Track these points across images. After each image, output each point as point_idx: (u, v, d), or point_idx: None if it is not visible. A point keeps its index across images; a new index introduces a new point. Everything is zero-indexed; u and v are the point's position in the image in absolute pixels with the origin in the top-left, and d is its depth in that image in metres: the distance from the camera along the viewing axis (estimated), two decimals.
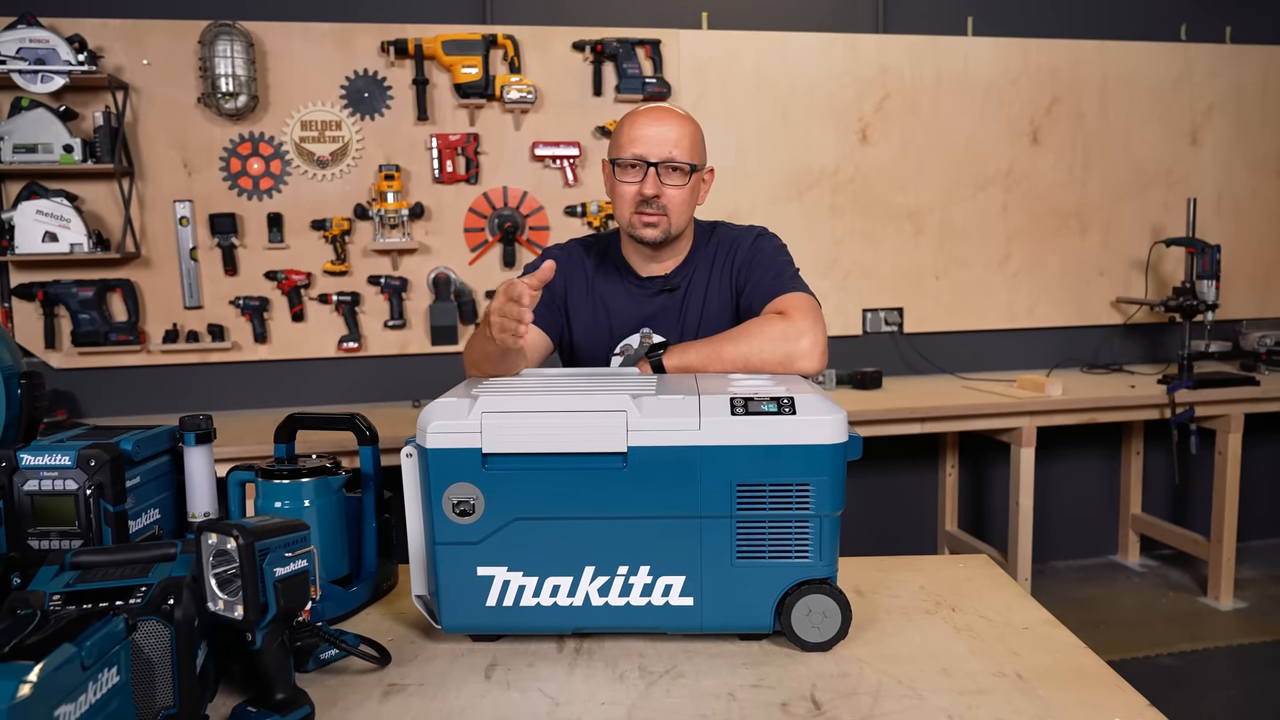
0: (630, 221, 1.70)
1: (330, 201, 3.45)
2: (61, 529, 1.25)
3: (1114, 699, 1.10)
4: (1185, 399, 3.45)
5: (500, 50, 3.46)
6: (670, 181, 1.67)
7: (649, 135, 1.66)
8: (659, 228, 1.69)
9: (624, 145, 1.68)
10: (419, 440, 1.21)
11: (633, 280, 1.79)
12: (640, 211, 1.68)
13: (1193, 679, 3.10)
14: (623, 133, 1.69)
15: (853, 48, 3.76)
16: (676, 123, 1.68)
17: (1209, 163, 4.13)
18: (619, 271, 1.80)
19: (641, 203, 1.67)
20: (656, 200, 1.66)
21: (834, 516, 1.21)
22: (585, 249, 1.85)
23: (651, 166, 1.65)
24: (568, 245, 1.87)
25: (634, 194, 1.68)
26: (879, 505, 4.02)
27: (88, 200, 3.27)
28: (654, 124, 1.67)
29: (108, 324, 3.29)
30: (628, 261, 1.80)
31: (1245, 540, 4.05)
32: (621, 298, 1.79)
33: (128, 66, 3.25)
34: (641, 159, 1.66)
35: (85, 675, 0.82)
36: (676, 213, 1.69)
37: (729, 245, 1.78)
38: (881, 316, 3.91)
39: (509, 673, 1.19)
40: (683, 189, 1.68)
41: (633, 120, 1.69)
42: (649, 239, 1.70)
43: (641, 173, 1.66)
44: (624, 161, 1.67)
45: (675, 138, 1.66)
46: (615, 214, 1.74)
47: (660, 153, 1.65)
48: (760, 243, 1.77)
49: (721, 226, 1.83)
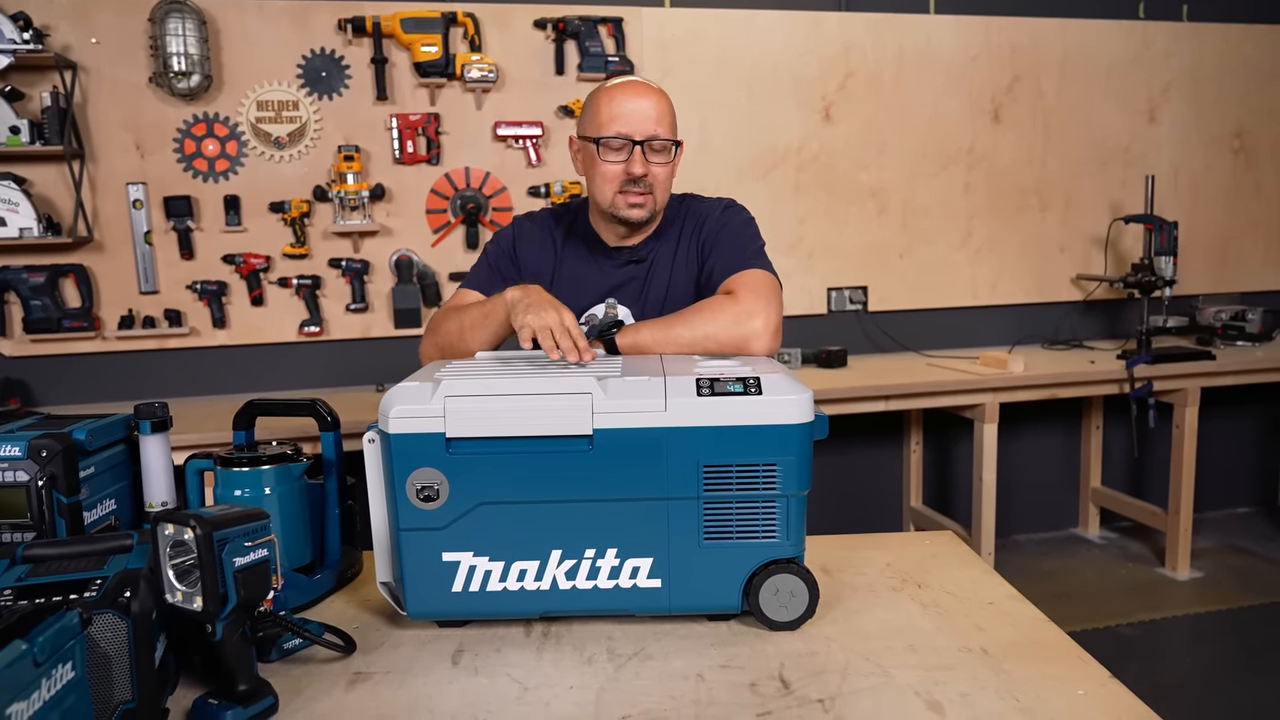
0: (614, 202, 1.65)
1: (289, 183, 3.39)
2: (13, 521, 1.22)
3: (1077, 671, 1.11)
4: (1144, 374, 3.51)
5: (460, 28, 3.41)
6: (655, 159, 1.63)
7: (631, 112, 1.61)
8: (645, 207, 1.66)
9: (605, 123, 1.62)
10: (381, 425, 1.19)
11: (600, 251, 1.77)
12: (626, 191, 1.64)
13: (1151, 648, 3.17)
14: (601, 110, 1.63)
15: (816, 25, 3.75)
16: (656, 98, 1.64)
17: (1166, 140, 4.18)
18: (587, 243, 1.78)
19: (628, 182, 1.63)
20: (644, 179, 1.63)
21: (801, 496, 1.21)
22: (555, 219, 1.83)
23: (637, 144, 1.62)
24: (539, 214, 1.85)
25: (617, 173, 1.63)
26: (844, 483, 4.05)
27: (37, 183, 3.18)
28: (635, 99, 1.62)
29: (61, 310, 3.21)
30: (596, 233, 1.77)
31: (1201, 512, 4.14)
32: (589, 268, 1.77)
33: (75, 45, 3.16)
34: (626, 137, 1.61)
35: (38, 671, 0.80)
36: (661, 190, 1.67)
37: (697, 217, 1.76)
38: (846, 295, 3.93)
39: (476, 658, 1.18)
40: (667, 166, 1.66)
41: (611, 96, 1.64)
42: (635, 219, 1.66)
43: (626, 151, 1.62)
44: (607, 140, 1.62)
45: (657, 114, 1.63)
46: (593, 193, 1.69)
47: (645, 130, 1.62)
48: (727, 215, 1.75)
49: (691, 198, 1.81)
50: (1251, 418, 4.49)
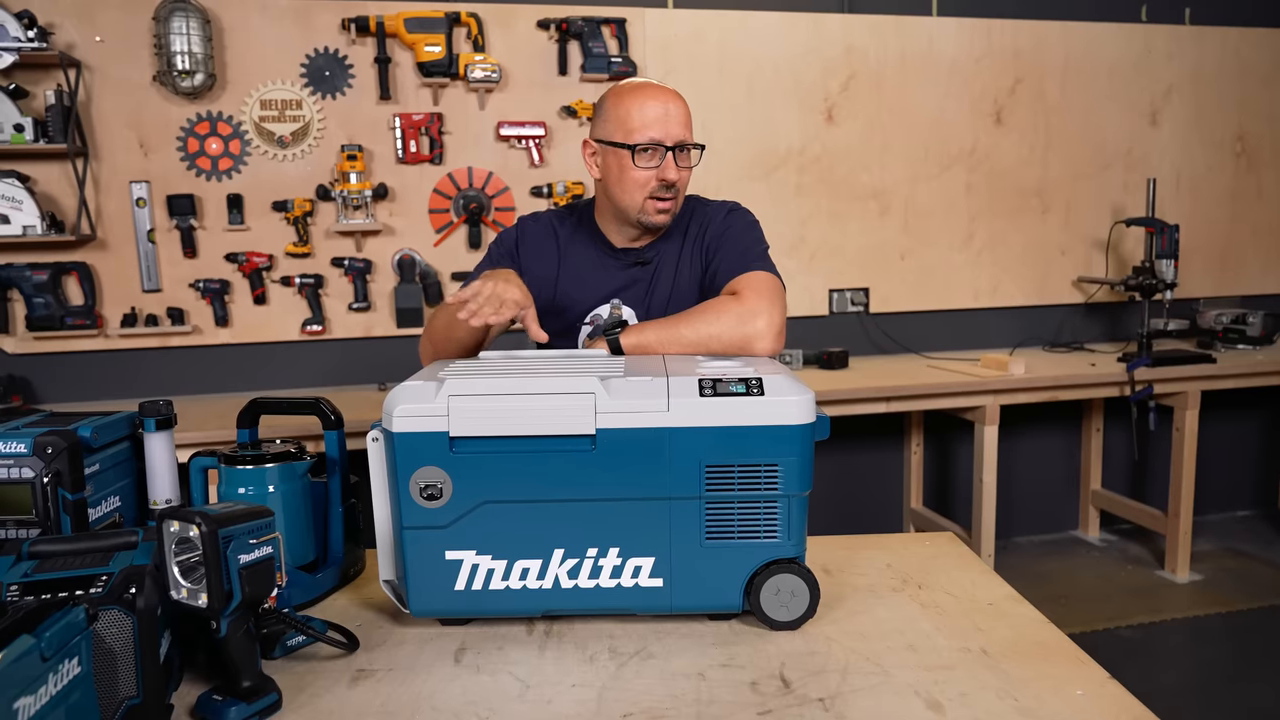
0: (644, 208, 1.66)
1: (291, 182, 3.39)
2: (18, 518, 1.22)
3: (1076, 672, 1.12)
4: (1144, 377, 3.51)
5: (464, 28, 3.42)
6: (684, 164, 1.65)
7: (662, 117, 1.62)
8: (670, 212, 1.67)
9: (636, 129, 1.62)
10: (385, 424, 1.20)
11: (606, 251, 1.77)
12: (657, 197, 1.64)
13: (1150, 650, 3.17)
14: (631, 115, 1.63)
15: (818, 27, 3.76)
16: (680, 102, 1.65)
17: (1167, 143, 4.18)
18: (594, 242, 1.78)
19: (661, 188, 1.63)
20: (674, 185, 1.64)
21: (802, 496, 1.22)
22: (559, 219, 1.83)
23: (669, 150, 1.62)
24: (543, 215, 1.85)
25: (649, 179, 1.63)
26: (845, 484, 4.06)
27: (40, 181, 3.19)
28: (664, 104, 1.63)
29: (63, 308, 3.22)
30: (603, 233, 1.78)
31: (1201, 515, 4.15)
32: (594, 268, 1.77)
33: (80, 43, 3.17)
34: (659, 143, 1.62)
35: (45, 667, 0.80)
36: (684, 194, 1.69)
37: (701, 220, 1.77)
38: (847, 296, 3.93)
39: (479, 656, 1.18)
40: (690, 170, 1.67)
41: (641, 101, 1.63)
42: (663, 224, 1.68)
43: (658, 157, 1.62)
44: (641, 146, 1.62)
45: (685, 118, 1.64)
46: (618, 198, 1.68)
47: (676, 135, 1.63)
48: (732, 218, 1.76)
49: (695, 200, 1.82)
50: (1252, 421, 4.49)
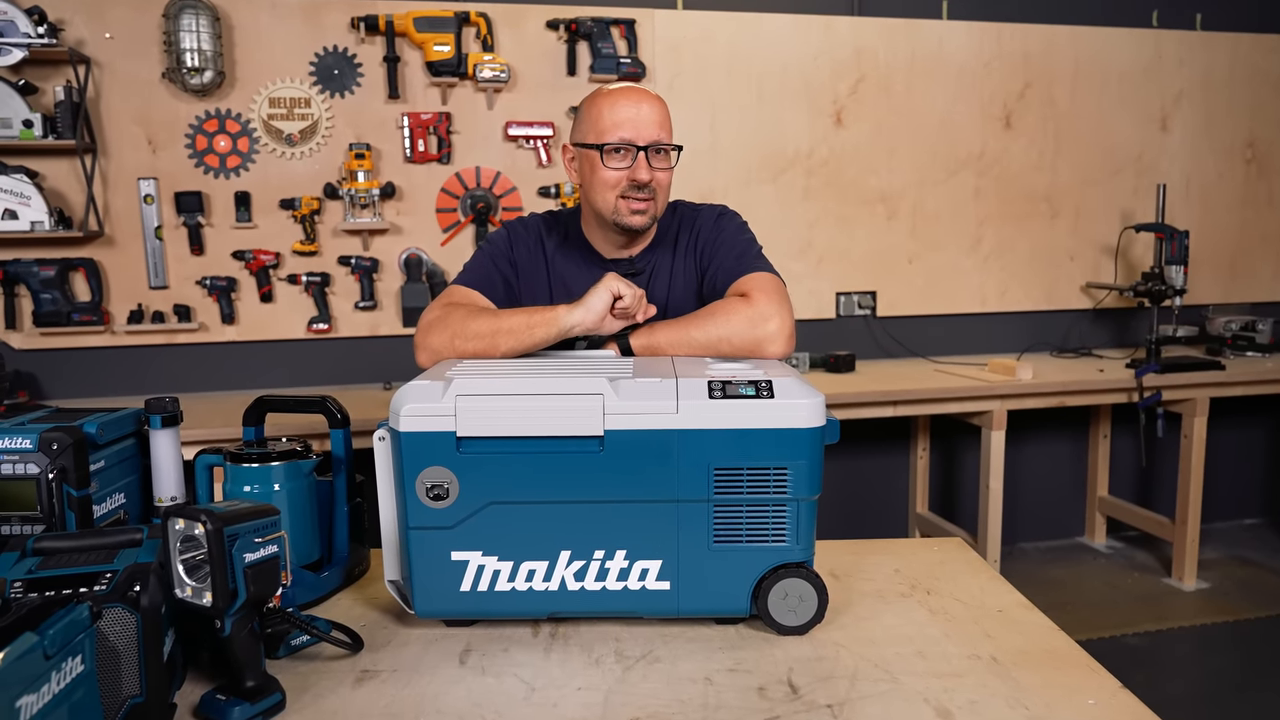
0: (616, 208, 1.63)
1: (299, 180, 3.39)
2: (23, 514, 1.22)
3: (1087, 681, 1.10)
4: (1152, 383, 3.49)
5: (473, 28, 3.41)
6: (659, 164, 1.62)
7: (634, 118, 1.60)
8: (647, 213, 1.64)
9: (607, 129, 1.60)
10: (392, 423, 1.19)
11: (596, 262, 1.73)
12: (629, 197, 1.62)
13: (1156, 658, 3.16)
14: (603, 116, 1.61)
15: (828, 29, 3.75)
16: (656, 103, 1.63)
17: (1178, 149, 4.17)
18: (581, 254, 1.75)
19: (632, 188, 1.61)
20: (648, 185, 1.61)
21: (811, 500, 1.21)
22: (547, 227, 1.79)
23: (641, 150, 1.60)
24: (529, 219, 1.81)
25: (619, 180, 1.61)
26: (850, 487, 4.04)
27: (49, 177, 3.19)
28: (636, 104, 1.61)
29: (70, 304, 3.22)
30: (590, 243, 1.74)
31: (1209, 522, 4.12)
32: (584, 280, 1.72)
33: (89, 40, 3.17)
34: (630, 143, 1.60)
35: (48, 664, 0.80)
36: (663, 196, 1.65)
37: (691, 226, 1.74)
38: (855, 300, 3.92)
39: (484, 658, 1.18)
40: (669, 171, 1.65)
41: (611, 101, 1.62)
42: (638, 226, 1.64)
43: (630, 157, 1.60)
44: (610, 146, 1.60)
45: (659, 119, 1.62)
46: (593, 201, 1.66)
47: (648, 135, 1.60)
48: (722, 222, 1.74)
49: (681, 205, 1.79)
50: (1260, 429, 4.47)
